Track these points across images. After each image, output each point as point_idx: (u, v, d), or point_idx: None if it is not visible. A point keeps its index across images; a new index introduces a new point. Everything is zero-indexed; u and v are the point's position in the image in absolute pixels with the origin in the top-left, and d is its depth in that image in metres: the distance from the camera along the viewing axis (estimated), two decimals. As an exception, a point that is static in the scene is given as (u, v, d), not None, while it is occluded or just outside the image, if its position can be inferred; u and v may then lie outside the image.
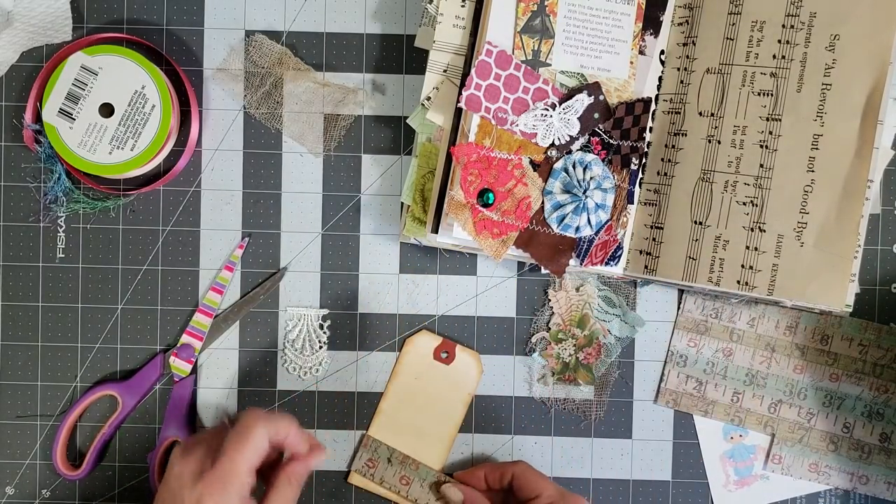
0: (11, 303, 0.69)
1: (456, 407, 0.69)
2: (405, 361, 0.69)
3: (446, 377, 0.69)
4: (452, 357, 0.69)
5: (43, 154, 0.67)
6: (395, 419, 0.69)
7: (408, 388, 0.69)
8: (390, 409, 0.69)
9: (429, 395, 0.69)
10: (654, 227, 0.66)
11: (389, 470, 0.68)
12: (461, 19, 0.65)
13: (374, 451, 0.68)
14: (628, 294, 0.70)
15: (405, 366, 0.69)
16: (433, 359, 0.69)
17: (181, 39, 0.69)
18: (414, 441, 0.69)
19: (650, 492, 0.70)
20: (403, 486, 0.68)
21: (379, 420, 0.69)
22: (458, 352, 0.69)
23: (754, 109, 0.64)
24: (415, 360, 0.69)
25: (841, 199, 0.62)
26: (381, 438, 0.68)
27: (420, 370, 0.69)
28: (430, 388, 0.69)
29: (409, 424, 0.69)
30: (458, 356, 0.69)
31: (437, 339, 0.69)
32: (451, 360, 0.69)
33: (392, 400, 0.69)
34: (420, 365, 0.69)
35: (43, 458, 0.69)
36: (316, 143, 0.69)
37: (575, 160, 0.64)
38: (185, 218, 0.70)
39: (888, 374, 0.68)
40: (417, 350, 0.69)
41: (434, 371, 0.69)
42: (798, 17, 0.63)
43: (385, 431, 0.69)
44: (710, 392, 0.70)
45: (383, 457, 0.68)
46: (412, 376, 0.69)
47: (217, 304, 0.69)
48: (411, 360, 0.69)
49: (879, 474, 0.69)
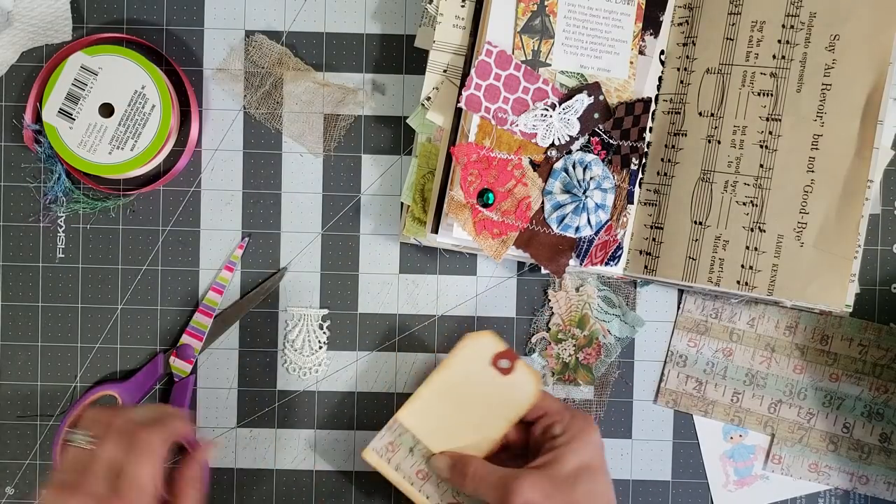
0: (11, 303, 0.69)
1: (498, 423, 0.63)
2: (460, 356, 0.63)
3: (497, 388, 0.62)
4: (511, 370, 0.63)
5: (43, 154, 0.67)
6: (430, 411, 0.63)
7: (453, 385, 0.63)
8: (428, 399, 0.63)
9: (473, 401, 0.63)
10: (654, 227, 0.66)
11: (409, 460, 0.63)
12: (461, 19, 0.65)
13: (399, 435, 0.63)
14: (628, 294, 0.70)
15: (458, 360, 0.63)
16: (490, 364, 0.63)
17: (181, 39, 0.69)
18: (444, 441, 0.63)
19: (650, 492, 0.70)
20: (419, 479, 0.63)
21: (413, 406, 0.63)
22: (519, 366, 0.63)
23: (754, 109, 0.64)
24: (470, 358, 0.63)
25: (841, 199, 0.62)
26: (409, 426, 0.63)
27: (472, 371, 0.63)
28: (477, 394, 0.63)
29: (444, 423, 0.63)
30: (517, 371, 0.63)
31: (501, 346, 0.63)
32: (509, 372, 0.62)
33: (433, 390, 0.63)
34: (474, 365, 0.63)
35: (43, 458, 0.69)
36: (316, 143, 0.69)
37: (575, 160, 0.64)
38: (185, 218, 0.70)
39: (888, 374, 0.68)
40: (476, 349, 0.63)
41: (487, 377, 0.63)
42: (798, 17, 0.63)
43: (416, 420, 0.63)
44: (710, 392, 0.70)
45: (406, 445, 0.63)
46: (462, 374, 0.63)
47: (217, 304, 0.69)
48: (466, 357, 0.63)
49: (879, 474, 0.69)
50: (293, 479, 0.70)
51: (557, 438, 0.60)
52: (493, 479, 0.59)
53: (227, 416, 0.70)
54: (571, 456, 0.58)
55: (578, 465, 0.58)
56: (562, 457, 0.58)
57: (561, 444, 0.59)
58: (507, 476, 0.58)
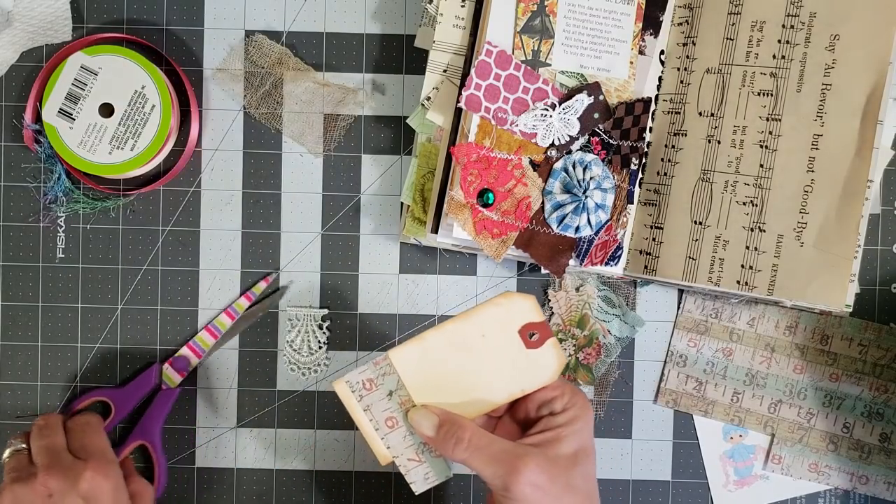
0: (11, 303, 0.69)
1: (499, 393, 0.56)
2: (489, 312, 0.55)
3: (515, 358, 0.56)
4: (538, 345, 0.56)
5: (43, 154, 0.67)
6: (429, 359, 0.55)
7: (467, 339, 0.55)
8: (433, 346, 0.55)
9: (482, 362, 0.56)
10: (654, 227, 0.66)
11: (382, 403, 0.56)
12: (461, 19, 0.65)
13: (382, 375, 0.55)
14: (628, 294, 0.70)
15: (485, 316, 0.55)
16: (516, 331, 0.56)
17: (181, 39, 0.69)
18: (431, 394, 0.56)
19: (650, 492, 0.70)
20: (386, 427, 0.56)
21: (412, 348, 0.55)
22: (549, 345, 0.56)
23: (754, 109, 0.64)
24: (499, 318, 0.55)
25: (841, 199, 0.62)
26: (398, 368, 0.55)
27: (495, 332, 0.55)
28: (490, 357, 0.56)
29: (439, 376, 0.56)
30: (545, 348, 0.56)
31: (538, 316, 0.56)
32: (535, 346, 0.56)
33: (442, 339, 0.55)
34: (500, 327, 0.55)
35: (43, 458, 0.69)
36: (316, 143, 0.69)
37: (575, 160, 0.64)
38: (185, 218, 0.70)
39: (888, 374, 0.68)
40: (510, 311, 0.55)
41: (508, 343, 0.56)
42: (798, 17, 0.63)
43: (409, 364, 0.55)
44: (710, 392, 0.70)
45: (386, 387, 0.56)
46: (482, 331, 0.55)
47: (226, 327, 0.69)
48: (496, 316, 0.55)
49: (879, 474, 0.69)
50: (293, 479, 0.70)
51: (558, 416, 0.56)
52: (493, 451, 0.54)
53: (227, 416, 0.70)
54: (573, 437, 0.55)
55: (578, 448, 0.55)
56: (563, 438, 0.55)
57: (562, 424, 0.56)
58: (511, 453, 0.54)
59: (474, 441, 0.54)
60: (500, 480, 0.53)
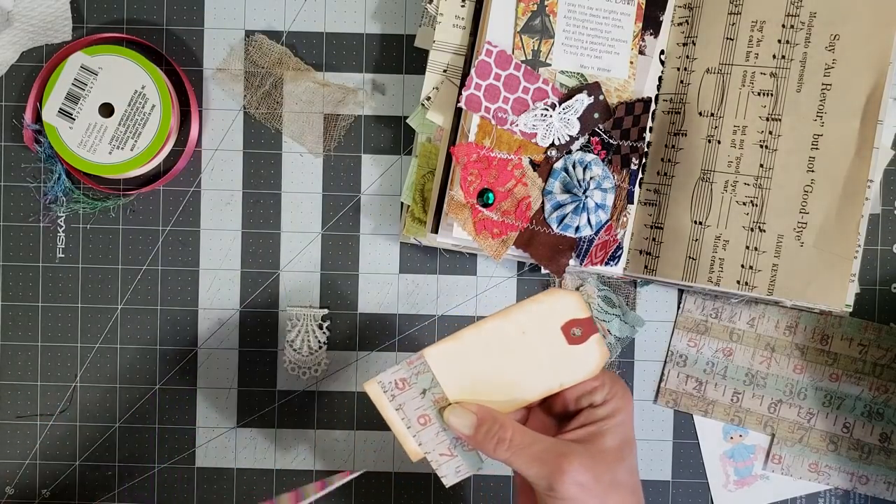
0: (11, 303, 0.69)
1: (538, 388, 0.54)
2: (531, 310, 0.53)
3: (556, 354, 0.54)
4: (581, 341, 0.54)
5: (43, 154, 0.67)
6: (465, 357, 0.54)
7: (506, 336, 0.53)
8: (471, 344, 0.53)
9: (522, 359, 0.54)
10: (654, 227, 0.66)
11: (415, 402, 0.54)
12: (461, 19, 0.65)
13: (416, 374, 0.54)
14: (628, 294, 0.70)
15: (526, 314, 0.53)
16: (559, 328, 0.54)
17: (181, 39, 0.69)
18: (467, 391, 0.54)
19: (650, 492, 0.70)
20: (419, 424, 0.54)
21: (449, 346, 0.53)
22: (592, 340, 0.54)
23: (754, 109, 0.64)
24: (541, 315, 0.53)
25: (841, 199, 0.62)
26: (434, 366, 0.54)
27: (536, 328, 0.53)
28: (530, 353, 0.54)
29: (476, 373, 0.54)
30: (588, 344, 0.54)
31: (583, 313, 0.54)
32: (578, 342, 0.54)
33: (480, 337, 0.53)
34: (539, 323, 0.53)
35: (43, 458, 0.69)
36: (316, 143, 0.69)
37: (575, 160, 0.64)
38: (185, 218, 0.70)
39: (888, 374, 0.68)
40: (554, 308, 0.53)
41: (550, 339, 0.54)
42: (798, 17, 0.63)
43: (444, 362, 0.54)
44: (710, 392, 0.70)
45: (420, 385, 0.54)
46: (520, 328, 0.53)
47: None
48: (535, 313, 0.53)
49: (879, 474, 0.69)
50: (293, 479, 0.70)
51: (598, 409, 0.54)
52: (537, 450, 0.52)
53: (227, 416, 0.70)
54: (616, 431, 0.53)
55: (622, 441, 0.53)
56: (607, 432, 0.53)
57: (605, 417, 0.53)
58: (554, 451, 0.52)
59: (516, 440, 0.52)
60: (544, 481, 0.51)
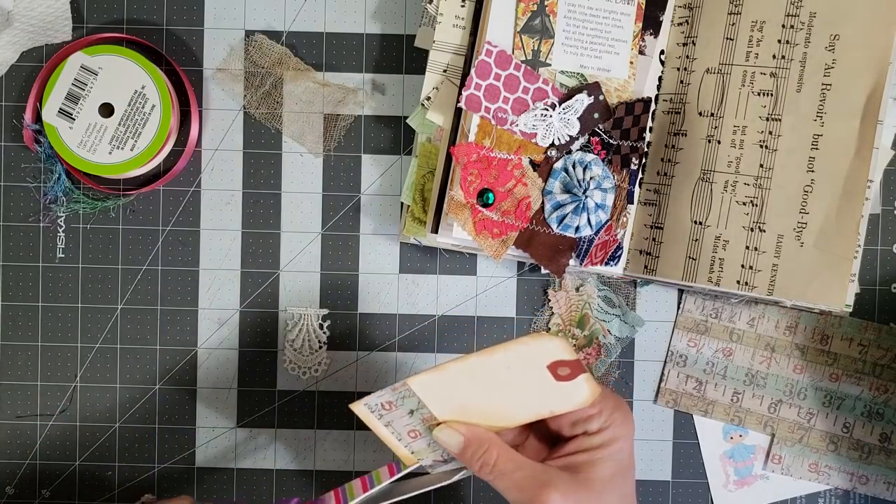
0: (11, 303, 0.69)
1: (524, 415, 0.54)
2: (515, 352, 0.51)
3: (543, 388, 0.52)
4: (570, 379, 0.52)
5: (43, 154, 0.67)
6: (450, 387, 0.53)
7: (490, 371, 0.52)
8: (455, 376, 0.52)
9: (507, 390, 0.53)
10: (654, 227, 0.66)
11: (403, 420, 0.54)
12: (461, 19, 0.65)
13: (402, 398, 0.53)
14: (628, 294, 0.70)
15: (510, 355, 0.52)
16: (545, 367, 0.52)
17: (181, 39, 0.69)
18: (455, 413, 0.54)
19: (650, 492, 0.70)
20: (410, 438, 0.55)
21: (432, 377, 0.52)
22: (582, 380, 0.52)
23: (754, 109, 0.64)
24: (525, 357, 0.52)
25: (841, 199, 0.62)
26: (419, 393, 0.53)
27: (519, 365, 0.52)
28: (515, 386, 0.53)
29: (462, 400, 0.53)
30: (576, 382, 0.52)
31: (569, 356, 0.51)
32: (566, 380, 0.52)
33: (465, 370, 0.52)
34: (527, 364, 0.52)
35: (43, 458, 0.69)
36: (316, 143, 0.69)
37: (575, 160, 0.64)
38: (185, 218, 0.70)
39: (888, 374, 0.68)
40: (538, 350, 0.51)
41: (536, 377, 0.52)
42: (798, 17, 0.63)
43: (429, 391, 0.53)
44: (710, 392, 0.70)
45: (406, 407, 0.54)
46: (506, 364, 0.52)
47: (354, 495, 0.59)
48: (521, 354, 0.52)
49: (879, 474, 0.69)
50: (293, 479, 0.70)
51: (594, 437, 0.53)
52: (518, 477, 0.52)
53: (227, 416, 0.70)
54: (609, 461, 0.52)
55: (615, 470, 0.52)
56: (598, 462, 0.52)
57: (598, 446, 0.52)
58: (536, 479, 0.51)
59: (500, 465, 0.52)
60: None
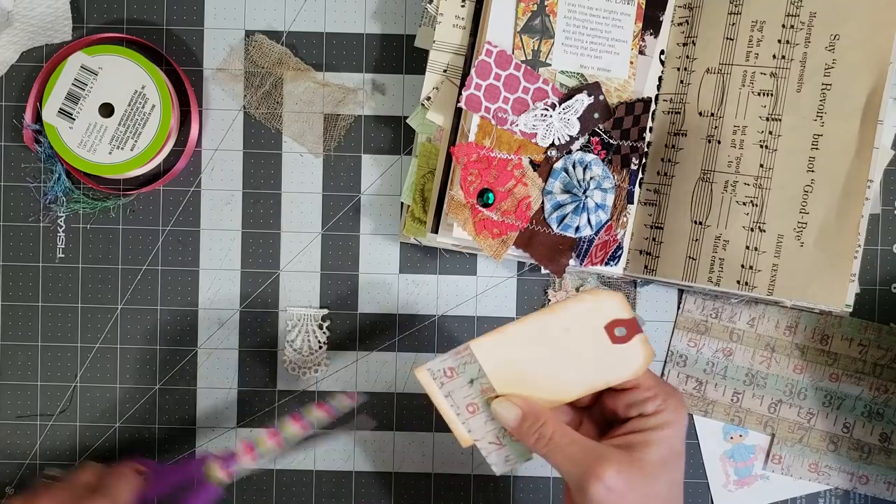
0: (11, 303, 0.69)
1: (582, 385, 0.55)
2: (574, 309, 0.54)
3: (600, 352, 0.54)
4: (626, 340, 0.54)
5: (43, 154, 0.68)
6: (510, 351, 0.55)
7: (549, 333, 0.54)
8: (515, 338, 0.55)
9: (566, 355, 0.55)
10: (654, 227, 0.66)
11: (464, 390, 0.55)
12: (461, 19, 0.65)
13: (464, 364, 0.55)
14: (628, 294, 0.70)
15: (569, 314, 0.54)
16: (602, 327, 0.54)
17: (181, 39, 0.69)
18: (513, 384, 0.55)
19: (650, 492, 0.70)
20: (468, 412, 0.56)
21: (494, 339, 0.55)
22: (637, 340, 0.54)
23: (754, 109, 0.64)
24: (584, 315, 0.54)
25: (841, 199, 0.62)
26: (480, 358, 0.55)
27: (577, 326, 0.54)
28: (573, 350, 0.54)
29: (520, 366, 0.55)
30: (632, 343, 0.54)
31: (626, 314, 0.54)
32: (622, 342, 0.54)
33: (524, 332, 0.54)
34: (582, 321, 0.54)
35: (43, 458, 0.69)
36: (316, 143, 0.69)
37: (575, 160, 0.64)
38: (185, 218, 0.70)
39: (888, 374, 0.68)
40: (595, 308, 0.54)
41: (593, 338, 0.54)
42: (798, 17, 0.63)
43: (490, 355, 0.55)
44: (710, 392, 0.70)
45: (467, 375, 0.55)
46: (564, 325, 0.54)
47: (294, 437, 0.64)
48: (578, 312, 0.54)
49: (879, 474, 0.69)
50: (293, 478, 0.70)
51: (649, 419, 0.54)
52: (574, 451, 0.53)
53: (227, 416, 0.70)
54: (663, 443, 0.53)
55: (668, 454, 0.53)
56: (652, 443, 0.53)
57: (653, 428, 0.53)
58: (591, 454, 0.52)
59: (556, 438, 0.53)
60: (576, 480, 0.52)
